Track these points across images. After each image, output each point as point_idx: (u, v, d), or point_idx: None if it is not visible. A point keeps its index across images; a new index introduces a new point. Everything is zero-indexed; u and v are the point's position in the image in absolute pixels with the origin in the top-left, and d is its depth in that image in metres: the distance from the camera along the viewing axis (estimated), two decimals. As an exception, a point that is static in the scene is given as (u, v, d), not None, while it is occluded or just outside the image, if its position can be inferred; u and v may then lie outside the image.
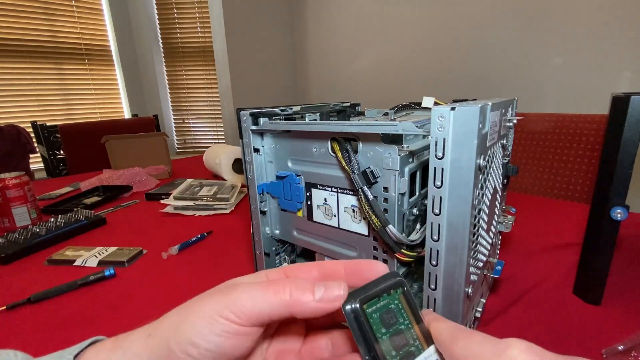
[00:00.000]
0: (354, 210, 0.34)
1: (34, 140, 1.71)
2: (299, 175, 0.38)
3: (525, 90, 1.66)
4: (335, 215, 0.36)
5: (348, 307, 0.18)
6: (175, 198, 0.81)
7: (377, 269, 0.21)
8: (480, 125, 0.24)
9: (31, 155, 1.77)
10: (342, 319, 0.21)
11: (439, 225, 0.26)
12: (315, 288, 0.19)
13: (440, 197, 0.26)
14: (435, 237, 0.27)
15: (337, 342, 0.22)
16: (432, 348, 0.19)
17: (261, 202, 0.41)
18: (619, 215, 0.36)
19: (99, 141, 1.17)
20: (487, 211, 0.32)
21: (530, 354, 0.15)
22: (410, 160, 0.31)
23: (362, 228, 0.34)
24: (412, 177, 0.32)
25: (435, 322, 0.20)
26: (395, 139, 0.30)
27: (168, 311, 0.20)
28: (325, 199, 0.36)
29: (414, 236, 0.31)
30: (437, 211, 0.26)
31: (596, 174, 0.38)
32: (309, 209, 0.38)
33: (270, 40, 2.51)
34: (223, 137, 2.49)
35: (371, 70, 2.27)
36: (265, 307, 0.18)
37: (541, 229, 0.64)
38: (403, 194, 0.31)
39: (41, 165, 1.88)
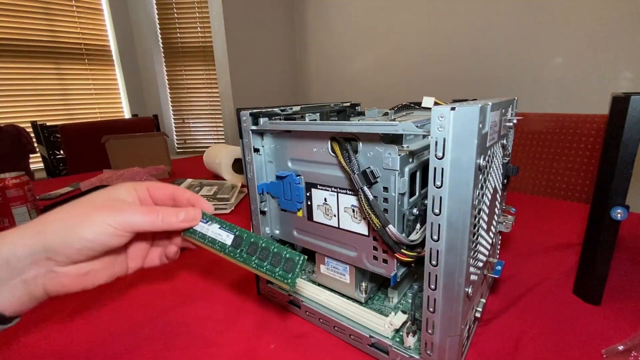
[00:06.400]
0: (354, 210, 0.34)
1: (34, 140, 1.71)
2: (299, 175, 0.38)
3: (525, 90, 1.66)
4: (335, 215, 0.36)
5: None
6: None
7: (205, 206, 0.33)
8: (480, 125, 0.24)
9: (31, 155, 1.77)
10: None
11: (439, 225, 0.26)
12: (177, 213, 0.30)
13: (440, 197, 0.26)
14: (435, 237, 0.27)
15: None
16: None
17: (261, 202, 0.41)
18: (619, 215, 0.36)
19: (99, 141, 1.17)
20: (487, 211, 0.32)
21: None
22: (410, 160, 0.31)
23: (362, 228, 0.34)
24: (412, 177, 0.32)
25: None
26: (395, 139, 0.30)
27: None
28: (325, 199, 0.36)
29: (414, 236, 0.31)
30: (437, 211, 0.26)
31: (596, 174, 0.38)
32: (309, 209, 0.38)
33: (270, 40, 2.51)
34: (223, 137, 2.49)
35: (371, 70, 2.27)
36: (143, 224, 0.28)
37: (541, 229, 0.64)
38: (403, 194, 0.31)
39: (41, 165, 1.88)
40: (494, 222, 0.38)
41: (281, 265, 0.29)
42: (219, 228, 0.32)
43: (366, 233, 0.34)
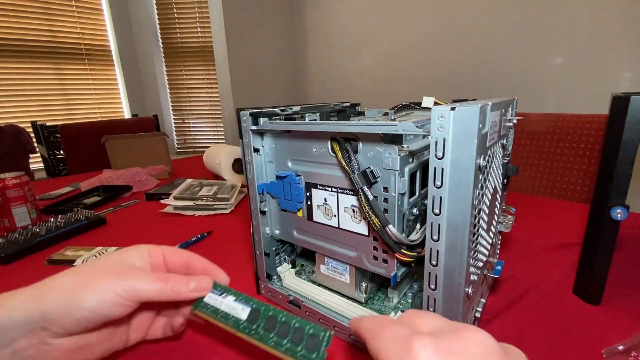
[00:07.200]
0: (354, 210, 0.34)
1: (34, 140, 1.71)
2: (299, 175, 0.38)
3: (525, 90, 1.66)
4: (335, 215, 0.36)
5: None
6: (175, 198, 0.81)
7: (221, 278, 0.32)
8: (480, 125, 0.24)
9: (31, 155, 1.77)
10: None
11: (439, 225, 0.26)
12: (188, 282, 0.28)
13: (440, 197, 0.26)
14: (435, 237, 0.27)
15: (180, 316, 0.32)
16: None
17: (261, 202, 0.41)
18: (619, 215, 0.36)
19: (99, 141, 1.17)
20: (487, 211, 0.32)
21: (432, 348, 0.17)
22: (410, 160, 0.31)
23: (362, 228, 0.34)
24: (412, 177, 0.32)
25: (359, 322, 0.23)
26: (395, 139, 0.30)
27: None
28: (325, 199, 0.36)
29: (414, 236, 0.31)
30: (437, 211, 0.26)
31: (596, 174, 0.38)
32: (309, 209, 0.38)
33: (270, 40, 2.51)
34: (223, 137, 2.49)
35: (371, 70, 2.27)
36: (151, 294, 0.26)
37: (541, 229, 0.64)
38: (403, 194, 0.31)
39: (41, 165, 1.88)
40: (494, 222, 0.38)
41: (304, 343, 0.25)
42: (234, 300, 0.29)
43: (366, 233, 0.34)
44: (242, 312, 0.28)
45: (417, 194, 0.33)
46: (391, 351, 0.18)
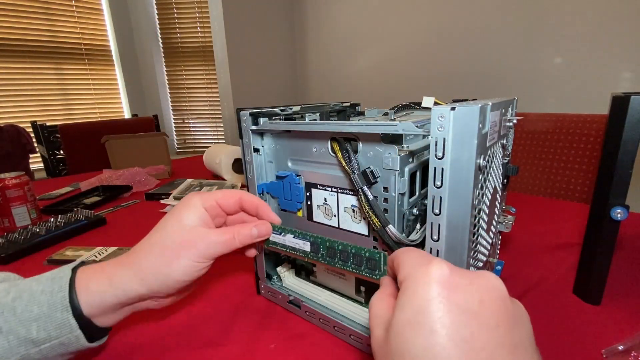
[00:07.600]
0: (354, 210, 0.34)
1: (34, 140, 1.71)
2: (299, 175, 0.38)
3: (525, 90, 1.66)
4: (335, 215, 0.36)
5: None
6: (175, 198, 0.81)
7: (273, 218, 0.35)
8: (480, 125, 0.24)
9: (31, 155, 1.77)
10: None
11: (439, 225, 0.26)
12: (251, 231, 0.32)
13: (440, 197, 0.26)
14: (435, 237, 0.27)
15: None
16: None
17: (261, 202, 0.41)
18: (619, 215, 0.36)
19: (99, 141, 1.17)
20: (487, 211, 0.32)
21: (448, 268, 0.19)
22: (410, 160, 0.31)
23: (362, 228, 0.34)
24: (412, 177, 0.32)
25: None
26: (395, 139, 0.30)
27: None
28: (325, 199, 0.36)
29: (414, 236, 0.31)
30: (437, 211, 0.26)
31: (596, 174, 0.38)
32: (309, 209, 0.38)
33: (270, 40, 2.51)
34: (223, 137, 2.49)
35: (371, 70, 2.27)
36: (222, 250, 0.31)
37: (541, 229, 0.64)
38: (403, 194, 0.31)
39: (41, 165, 1.88)
40: (494, 222, 0.38)
41: (364, 263, 0.30)
42: (294, 237, 0.34)
43: (366, 233, 0.34)
44: (304, 245, 0.33)
45: (417, 194, 0.33)
46: (413, 260, 0.21)
